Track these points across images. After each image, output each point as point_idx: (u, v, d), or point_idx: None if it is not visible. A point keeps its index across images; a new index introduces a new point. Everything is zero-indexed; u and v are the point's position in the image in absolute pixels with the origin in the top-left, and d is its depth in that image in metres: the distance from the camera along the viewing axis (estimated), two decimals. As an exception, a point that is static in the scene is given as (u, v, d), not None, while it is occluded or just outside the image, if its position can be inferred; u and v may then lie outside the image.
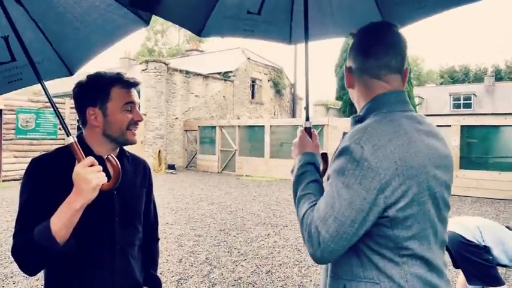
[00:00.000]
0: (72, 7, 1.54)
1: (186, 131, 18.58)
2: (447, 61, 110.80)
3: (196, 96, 19.37)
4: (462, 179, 10.45)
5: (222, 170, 16.50)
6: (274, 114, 24.66)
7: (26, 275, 4.25)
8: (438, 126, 9.45)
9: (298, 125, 14.47)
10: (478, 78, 44.44)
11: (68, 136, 1.24)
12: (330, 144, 13.53)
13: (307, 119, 1.55)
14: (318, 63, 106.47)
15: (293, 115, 24.96)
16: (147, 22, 1.56)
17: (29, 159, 1.38)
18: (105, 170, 1.30)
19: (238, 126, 16.22)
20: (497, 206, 9.20)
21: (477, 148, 11.05)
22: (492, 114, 28.30)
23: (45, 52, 1.64)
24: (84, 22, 1.59)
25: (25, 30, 1.56)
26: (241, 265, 4.86)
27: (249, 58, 22.61)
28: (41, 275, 1.45)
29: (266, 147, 15.16)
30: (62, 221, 1.18)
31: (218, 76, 20.87)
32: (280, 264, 4.90)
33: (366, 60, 1.23)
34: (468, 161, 10.85)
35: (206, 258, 5.09)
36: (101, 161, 1.30)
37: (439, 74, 56.66)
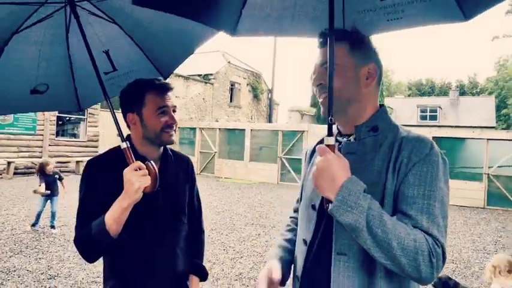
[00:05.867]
0: (155, 21, 1.72)
1: (165, 131, 18.61)
2: (414, 74, 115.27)
3: (176, 97, 19.46)
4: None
5: (201, 171, 16.65)
6: (252, 118, 25.02)
7: (29, 269, 4.38)
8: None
9: (278, 130, 14.89)
10: (443, 92, 46.65)
11: (122, 142, 1.40)
12: (309, 149, 13.98)
13: (330, 133, 1.07)
14: (293, 68, 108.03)
15: (269, 120, 25.41)
16: None
17: (6, 154, 1.51)
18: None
19: (219, 128, 16.43)
20: (464, 213, 9.95)
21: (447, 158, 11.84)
22: (460, 126, 29.81)
23: (141, 61, 1.87)
24: (167, 33, 1.79)
25: (122, 42, 1.80)
26: (239, 262, 5.14)
27: (229, 62, 22.89)
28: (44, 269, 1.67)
29: (246, 150, 15.45)
30: (113, 217, 1.34)
31: (198, 78, 21.02)
32: (276, 262, 5.20)
33: (381, 69, 1.20)
34: (438, 171, 11.58)
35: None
36: (144, 160, 1.42)
37: (407, 86, 59.05)
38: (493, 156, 11.38)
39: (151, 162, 1.40)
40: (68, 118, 15.10)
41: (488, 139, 11.32)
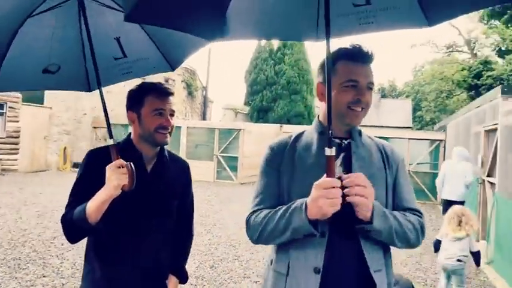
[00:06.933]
0: None
1: (95, 127, 17.63)
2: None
3: (108, 92, 18.48)
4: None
5: (134, 170, 16.07)
6: (186, 116, 24.63)
7: None
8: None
9: (214, 128, 14.87)
10: (367, 94, 49.67)
11: (110, 139, 1.51)
12: (246, 148, 14.19)
13: (330, 145, 1.17)
14: (227, 66, 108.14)
15: (203, 117, 25.22)
16: None
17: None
18: (143, 167, 1.60)
19: (153, 126, 15.97)
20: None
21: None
22: (381, 126, 31.80)
23: (151, 51, 1.94)
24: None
25: (133, 31, 1.85)
26: (184, 261, 5.09)
27: (163, 57, 22.31)
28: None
29: (182, 148, 15.22)
30: (94, 206, 1.44)
31: (131, 73, 20.23)
32: (221, 259, 5.26)
33: None
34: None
35: (147, 256, 5.19)
36: (141, 157, 1.60)
37: (334, 87, 61.48)
38: (412, 154, 12.48)
39: (131, 163, 1.48)
40: (-18, 112, 13.71)
41: (409, 138, 12.38)
